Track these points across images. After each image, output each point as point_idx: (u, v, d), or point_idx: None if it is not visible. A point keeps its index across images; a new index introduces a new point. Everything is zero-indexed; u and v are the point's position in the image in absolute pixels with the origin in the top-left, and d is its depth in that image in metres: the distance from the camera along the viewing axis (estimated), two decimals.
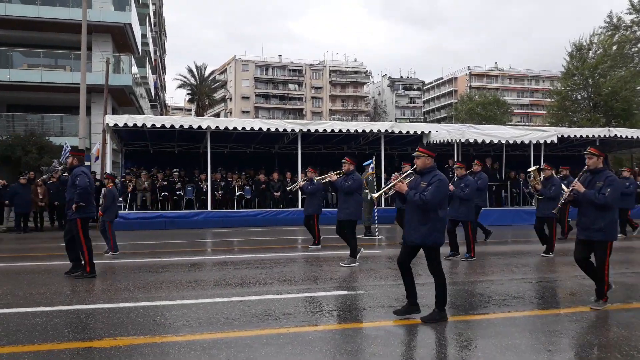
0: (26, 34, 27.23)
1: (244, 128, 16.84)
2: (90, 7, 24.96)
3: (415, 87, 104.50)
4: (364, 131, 18.04)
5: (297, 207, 17.46)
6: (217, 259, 9.99)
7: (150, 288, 6.91)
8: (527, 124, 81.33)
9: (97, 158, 21.15)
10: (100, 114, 24.76)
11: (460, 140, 16.90)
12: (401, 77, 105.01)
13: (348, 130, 17.75)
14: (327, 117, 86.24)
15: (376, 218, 13.60)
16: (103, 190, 12.08)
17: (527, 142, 17.29)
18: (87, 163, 19.99)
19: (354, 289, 6.86)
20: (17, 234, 15.22)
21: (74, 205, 7.47)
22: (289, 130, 17.43)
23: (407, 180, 5.54)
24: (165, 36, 67.92)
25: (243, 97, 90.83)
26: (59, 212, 16.51)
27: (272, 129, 17.13)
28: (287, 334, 4.80)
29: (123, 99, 30.00)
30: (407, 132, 18.33)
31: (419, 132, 18.44)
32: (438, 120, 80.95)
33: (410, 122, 63.42)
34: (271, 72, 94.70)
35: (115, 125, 16.09)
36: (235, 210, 17.78)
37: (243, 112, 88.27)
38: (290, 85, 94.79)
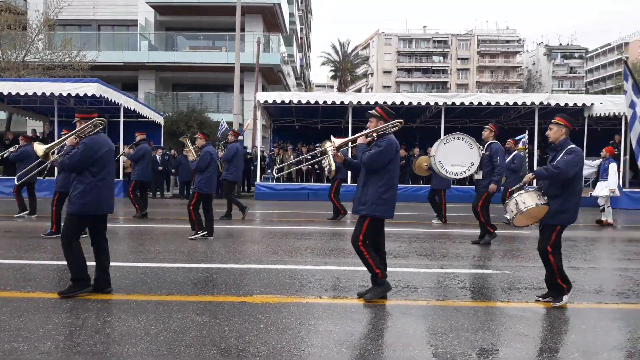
0: (188, 18, 30.05)
1: (385, 102, 16.74)
2: None
3: (576, 55, 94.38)
4: (515, 103, 16.79)
5: None
6: None
7: (296, 253, 7.32)
8: None
9: (243, 131, 22.71)
10: (251, 92, 26.48)
11: None
12: (560, 44, 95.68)
13: (497, 102, 16.67)
14: (474, 90, 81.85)
15: None
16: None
17: None
18: (239, 138, 21.61)
19: (499, 268, 6.55)
20: (181, 200, 17.08)
21: None
22: (432, 103, 16.93)
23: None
24: (312, 14, 69.82)
25: (385, 72, 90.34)
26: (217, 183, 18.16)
27: (414, 103, 16.79)
28: (427, 306, 4.76)
29: (272, 77, 31.71)
30: (566, 104, 16.62)
31: (579, 104, 16.64)
32: (603, 92, 72.62)
33: (570, 94, 57.64)
34: (414, 44, 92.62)
35: (266, 102, 17.07)
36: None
37: (384, 87, 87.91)
38: (434, 58, 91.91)
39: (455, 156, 9.10)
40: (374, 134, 4.95)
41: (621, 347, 3.85)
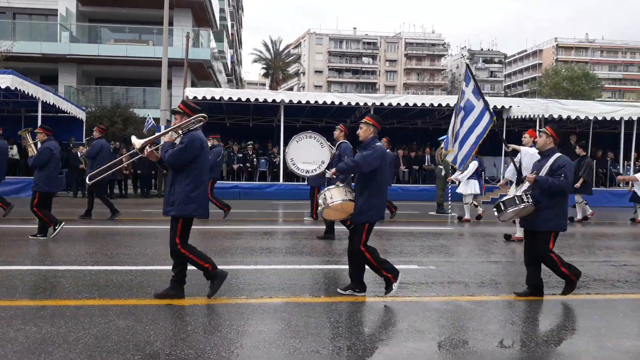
0: (113, 10, 28.73)
1: (316, 102, 16.91)
2: None
3: (496, 60, 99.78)
4: (439, 105, 17.48)
5: None
6: (288, 228, 10.22)
7: (226, 253, 7.22)
8: (619, 99, 75.66)
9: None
10: (180, 87, 25.76)
11: (543, 115, 16.04)
12: (481, 49, 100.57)
13: (423, 104, 17.27)
14: (402, 91, 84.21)
15: (449, 195, 13.30)
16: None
17: (617, 118, 16.12)
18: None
19: (424, 264, 6.79)
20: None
21: None
22: (361, 103, 17.25)
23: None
24: (243, 11, 69.01)
25: (316, 72, 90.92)
26: (142, 181, 17.54)
27: (345, 103, 17.04)
28: (356, 302, 4.85)
29: (202, 73, 30.99)
30: None
31: (498, 106, 17.56)
32: (520, 95, 76.98)
33: (490, 96, 60.70)
34: (345, 45, 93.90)
35: (195, 98, 16.64)
36: (306, 182, 18.03)
37: (316, 86, 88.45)
38: (364, 59, 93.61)
39: (307, 154, 9.24)
40: (180, 131, 4.78)
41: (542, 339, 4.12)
